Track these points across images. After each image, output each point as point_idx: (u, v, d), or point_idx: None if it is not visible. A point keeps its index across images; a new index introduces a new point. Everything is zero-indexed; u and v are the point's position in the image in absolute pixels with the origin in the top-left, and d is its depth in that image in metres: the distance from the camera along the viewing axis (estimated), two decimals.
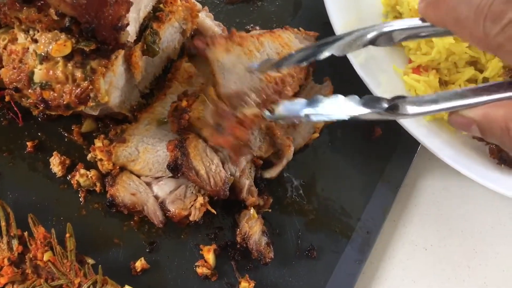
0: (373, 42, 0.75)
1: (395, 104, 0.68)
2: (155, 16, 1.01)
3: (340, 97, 0.76)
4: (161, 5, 1.02)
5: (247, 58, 1.05)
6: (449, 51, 1.25)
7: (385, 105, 0.68)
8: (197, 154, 0.98)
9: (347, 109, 0.74)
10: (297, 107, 0.83)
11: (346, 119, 0.74)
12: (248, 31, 1.27)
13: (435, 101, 0.66)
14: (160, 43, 0.98)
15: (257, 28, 1.29)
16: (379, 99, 0.71)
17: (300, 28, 1.24)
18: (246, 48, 1.05)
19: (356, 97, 0.74)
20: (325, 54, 0.78)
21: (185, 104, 0.99)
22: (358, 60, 1.23)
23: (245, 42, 1.05)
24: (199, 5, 1.20)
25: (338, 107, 0.75)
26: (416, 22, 0.71)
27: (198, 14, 1.11)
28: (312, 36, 1.22)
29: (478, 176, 1.13)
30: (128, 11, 0.79)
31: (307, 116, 0.79)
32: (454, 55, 1.25)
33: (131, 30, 0.90)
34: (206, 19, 1.17)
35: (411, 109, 0.67)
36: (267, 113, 0.88)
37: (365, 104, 0.72)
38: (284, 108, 0.86)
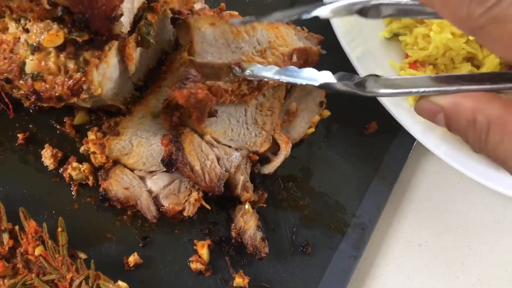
0: (360, 12, 0.75)
1: (364, 80, 0.69)
2: (149, 7, 0.99)
3: (313, 70, 0.81)
4: None
5: (232, 37, 1.04)
6: (446, 47, 1.24)
7: (355, 81, 0.71)
8: (192, 149, 0.97)
9: (319, 77, 0.78)
10: (268, 69, 0.91)
11: (316, 85, 0.77)
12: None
13: (406, 83, 0.66)
14: (154, 34, 0.96)
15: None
16: (352, 76, 0.74)
17: (304, 28, 1.21)
18: (235, 27, 1.04)
19: (329, 72, 0.79)
20: (311, 14, 0.78)
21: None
22: (355, 54, 1.22)
23: None
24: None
25: (310, 76, 0.80)
26: (404, 1, 0.71)
27: (193, 5, 1.09)
28: (315, 39, 1.19)
29: (474, 173, 1.13)
30: (122, 1, 0.77)
31: (277, 75, 0.86)
32: (451, 51, 1.25)
33: (125, 21, 0.88)
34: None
35: (379, 88, 0.68)
36: (237, 69, 0.95)
37: (337, 78, 0.76)
38: (255, 68, 0.94)
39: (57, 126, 1.03)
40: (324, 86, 0.78)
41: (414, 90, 0.65)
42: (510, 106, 0.55)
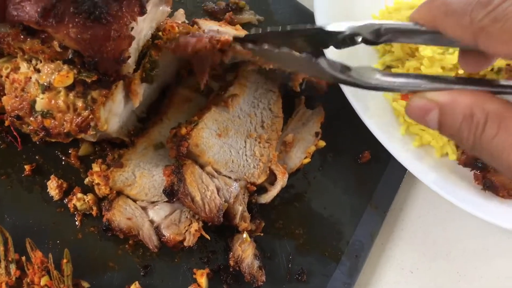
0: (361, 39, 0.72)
1: (348, 67, 0.68)
2: (154, 44, 1.03)
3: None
4: (160, 33, 1.05)
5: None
6: None
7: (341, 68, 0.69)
8: (193, 180, 1.01)
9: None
10: None
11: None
12: None
13: (401, 77, 0.65)
14: (158, 70, 1.01)
15: None
16: (341, 64, 0.71)
17: None
18: None
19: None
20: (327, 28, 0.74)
21: (184, 131, 1.02)
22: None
23: None
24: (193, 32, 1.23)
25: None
26: (405, 24, 0.70)
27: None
28: None
29: (461, 202, 1.17)
30: (130, 45, 0.82)
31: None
32: None
33: (131, 60, 0.92)
34: None
35: (367, 77, 0.67)
36: None
37: (328, 63, 0.72)
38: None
39: (63, 157, 1.07)
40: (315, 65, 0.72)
41: (409, 83, 0.63)
42: (508, 104, 0.56)
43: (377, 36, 0.72)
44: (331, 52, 1.21)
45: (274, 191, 1.12)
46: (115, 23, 0.79)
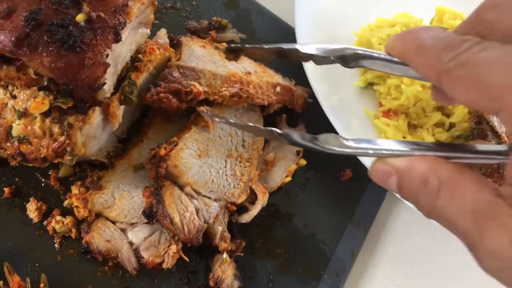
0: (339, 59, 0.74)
1: (315, 137, 0.68)
2: (133, 66, 1.04)
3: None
4: (140, 55, 1.06)
5: (219, 58, 1.16)
6: (417, 98, 1.30)
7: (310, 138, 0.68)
8: (172, 201, 1.01)
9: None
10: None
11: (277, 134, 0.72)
12: None
13: (364, 142, 0.65)
14: (137, 92, 1.02)
15: None
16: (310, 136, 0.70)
17: (292, 79, 1.32)
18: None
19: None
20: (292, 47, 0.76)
21: (163, 152, 1.02)
22: (328, 103, 1.27)
23: None
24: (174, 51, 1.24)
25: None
26: (376, 52, 0.71)
27: (174, 62, 1.14)
28: (303, 89, 1.30)
29: None
30: (105, 72, 0.82)
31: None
32: (422, 101, 1.31)
33: (109, 84, 0.93)
34: None
35: (336, 146, 0.66)
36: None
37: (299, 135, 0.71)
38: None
39: (42, 179, 1.07)
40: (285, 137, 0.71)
41: (371, 151, 0.64)
42: (462, 170, 0.56)
43: (346, 61, 0.74)
44: (311, 66, 1.23)
45: (254, 211, 1.12)
46: (89, 51, 0.80)
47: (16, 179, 1.07)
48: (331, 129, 1.21)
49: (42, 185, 1.08)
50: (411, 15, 1.52)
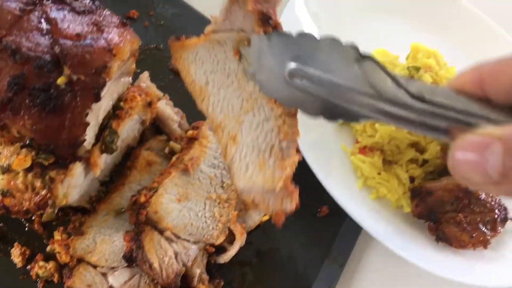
0: None
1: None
2: (114, 114, 1.08)
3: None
4: (121, 103, 1.10)
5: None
6: (391, 136, 1.36)
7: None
8: (151, 246, 1.05)
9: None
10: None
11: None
12: None
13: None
14: (118, 141, 1.06)
15: None
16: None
17: None
18: None
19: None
20: None
21: (143, 199, 1.06)
22: (306, 140, 1.31)
23: None
24: (159, 94, 1.28)
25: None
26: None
27: (156, 106, 1.19)
28: None
29: (413, 257, 1.22)
30: (84, 131, 0.87)
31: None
32: (396, 139, 1.37)
33: (90, 137, 0.97)
34: (166, 107, 1.25)
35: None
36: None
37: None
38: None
39: (26, 224, 1.11)
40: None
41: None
42: None
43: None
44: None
45: (232, 251, 1.16)
46: (70, 112, 0.84)
47: (1, 224, 1.11)
48: (307, 168, 1.26)
49: (26, 229, 1.11)
50: (389, 52, 1.58)
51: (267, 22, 0.70)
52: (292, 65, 0.65)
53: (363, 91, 0.60)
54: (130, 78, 1.12)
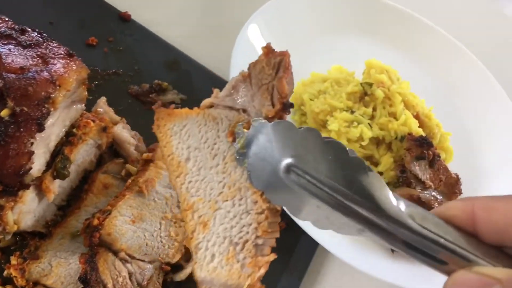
0: None
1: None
2: (67, 140, 1.12)
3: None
4: (74, 129, 1.14)
5: None
6: None
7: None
8: (105, 268, 1.08)
9: None
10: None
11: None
12: None
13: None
14: (70, 166, 1.09)
15: None
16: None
17: None
18: None
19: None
20: None
21: (96, 222, 1.10)
22: None
23: None
24: (116, 118, 1.32)
25: None
26: None
27: (111, 130, 1.23)
28: None
29: (366, 267, 1.26)
30: (29, 160, 0.91)
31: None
32: None
33: (40, 163, 1.00)
34: (122, 131, 1.29)
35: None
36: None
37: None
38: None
39: None
40: None
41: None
42: None
43: None
44: None
45: (189, 269, 1.19)
46: (13, 143, 0.88)
47: None
48: None
49: None
50: (344, 68, 1.64)
51: (285, 110, 0.67)
52: (291, 160, 0.62)
53: (365, 204, 0.58)
54: (83, 105, 1.16)
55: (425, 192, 1.42)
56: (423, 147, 1.39)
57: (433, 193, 1.44)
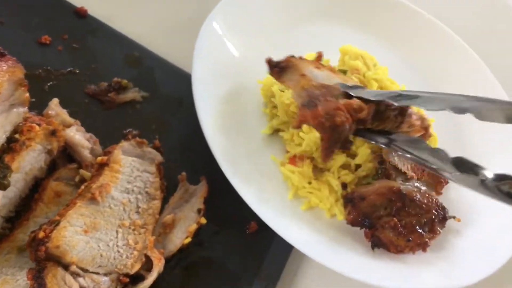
0: None
1: None
2: (9, 147, 1.03)
3: None
4: (17, 135, 1.05)
5: (334, 75, 1.14)
6: (317, 144, 1.31)
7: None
8: (54, 283, 0.99)
9: None
10: None
11: None
12: (125, 135, 1.31)
13: None
14: (11, 175, 1.01)
15: (136, 132, 1.33)
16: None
17: None
18: (336, 73, 1.17)
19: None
20: None
21: (42, 234, 1.01)
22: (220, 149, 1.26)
23: (335, 70, 1.19)
24: (68, 120, 1.23)
25: None
26: None
27: (61, 133, 1.14)
28: None
29: (343, 267, 1.17)
30: None
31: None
32: None
33: None
34: (76, 134, 1.20)
35: None
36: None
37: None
38: None
39: None
40: None
41: None
42: None
43: None
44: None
45: (150, 279, 1.10)
46: None
47: None
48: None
49: None
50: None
51: None
52: None
53: None
54: (26, 108, 1.07)
55: (407, 183, 1.33)
56: None
57: (416, 184, 1.35)
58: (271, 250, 1.25)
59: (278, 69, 1.17)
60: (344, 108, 0.95)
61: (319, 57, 1.25)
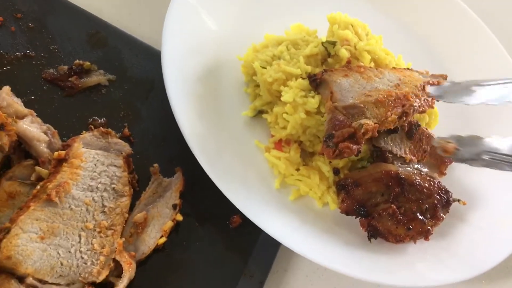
0: None
1: None
2: None
3: None
4: None
5: (365, 81, 1.14)
6: (304, 126, 1.17)
7: None
8: None
9: None
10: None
11: None
12: (91, 124, 1.17)
13: None
14: None
15: (102, 120, 1.19)
16: None
17: (426, 70, 1.28)
18: (365, 74, 1.16)
19: None
20: None
21: None
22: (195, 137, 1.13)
23: (364, 70, 1.18)
24: (22, 110, 1.09)
25: None
26: None
27: (11, 127, 1.00)
28: (439, 76, 1.28)
29: (335, 262, 1.06)
30: None
31: None
32: (312, 127, 1.18)
33: None
34: (30, 126, 1.06)
35: None
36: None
37: None
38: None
39: None
40: None
41: None
42: None
43: None
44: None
45: (121, 286, 0.99)
46: None
47: None
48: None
49: None
50: (305, 26, 1.39)
51: None
52: None
53: None
54: None
55: (406, 166, 1.20)
56: None
57: (417, 166, 1.22)
58: (258, 246, 1.13)
59: (315, 84, 1.16)
60: (356, 134, 1.03)
61: (349, 62, 1.23)
